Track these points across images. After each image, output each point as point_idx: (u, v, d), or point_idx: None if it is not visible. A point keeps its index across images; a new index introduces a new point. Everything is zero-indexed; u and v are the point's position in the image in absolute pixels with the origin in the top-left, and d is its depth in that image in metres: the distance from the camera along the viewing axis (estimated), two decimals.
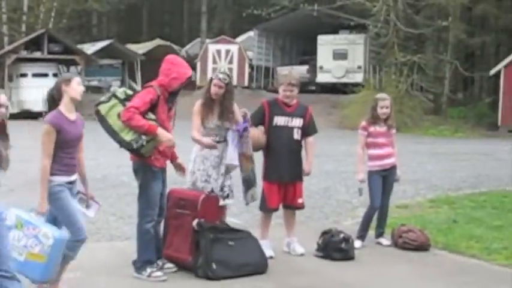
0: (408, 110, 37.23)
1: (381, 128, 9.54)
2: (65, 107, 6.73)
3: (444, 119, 40.04)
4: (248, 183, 8.45)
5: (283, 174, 8.75)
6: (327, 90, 41.66)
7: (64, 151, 6.69)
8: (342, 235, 8.81)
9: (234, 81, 43.40)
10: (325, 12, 39.34)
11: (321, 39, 41.84)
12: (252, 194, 8.51)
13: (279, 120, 8.75)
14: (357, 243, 9.25)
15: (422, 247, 9.19)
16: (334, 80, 41.74)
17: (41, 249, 6.38)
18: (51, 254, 6.39)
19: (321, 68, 41.84)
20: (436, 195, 14.30)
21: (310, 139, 9.00)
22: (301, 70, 42.20)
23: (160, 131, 7.38)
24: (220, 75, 8.25)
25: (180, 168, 8.10)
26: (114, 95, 7.58)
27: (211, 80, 8.35)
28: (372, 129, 9.50)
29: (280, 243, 9.00)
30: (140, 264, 7.73)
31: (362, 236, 9.47)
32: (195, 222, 7.80)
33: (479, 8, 43.14)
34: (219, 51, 44.56)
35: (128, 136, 7.36)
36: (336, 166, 18.14)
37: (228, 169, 8.27)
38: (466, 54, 47.85)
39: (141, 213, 7.75)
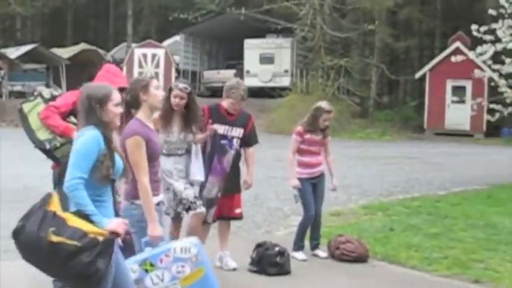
0: (335, 113, 37.02)
1: (316, 137, 9.23)
2: (144, 115, 5.95)
3: (371, 122, 40.23)
4: (212, 202, 8.05)
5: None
6: (254, 94, 41.27)
7: (150, 165, 5.82)
8: (277, 248, 8.39)
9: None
10: (252, 16, 39.08)
11: (248, 43, 41.55)
12: (212, 213, 8.14)
13: (219, 129, 8.23)
14: (300, 255, 8.90)
15: (360, 258, 8.86)
16: (261, 84, 41.47)
17: (191, 264, 5.58)
18: (203, 259, 5.65)
19: (248, 72, 41.54)
20: (369, 201, 14.08)
21: (251, 150, 8.53)
22: (228, 74, 41.94)
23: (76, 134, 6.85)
24: (181, 85, 7.70)
25: None
26: (40, 95, 7.16)
27: (170, 90, 7.75)
28: (307, 136, 9.15)
29: (212, 257, 8.54)
30: None
31: (301, 246, 9.10)
32: None
33: (403, 13, 43.56)
34: (145, 56, 43.89)
35: (43, 135, 6.94)
36: (265, 172, 17.78)
37: (193, 185, 7.85)
38: (392, 58, 48.28)
39: None
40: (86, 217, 4.67)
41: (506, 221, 11.65)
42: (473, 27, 15.62)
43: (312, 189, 9.15)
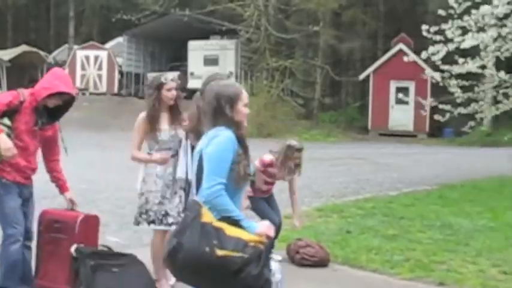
0: (281, 115, 37.22)
1: (280, 173, 8.75)
2: None
3: (316, 123, 40.30)
4: None
5: None
6: None
7: None
8: None
9: (104, 88, 43.34)
10: (195, 17, 38.77)
11: (192, 44, 41.26)
12: None
13: None
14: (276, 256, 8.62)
15: (321, 263, 8.66)
16: None
17: None
18: None
19: (192, 74, 41.23)
20: (322, 203, 13.95)
21: None
22: (172, 76, 41.62)
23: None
24: (170, 77, 7.49)
25: (71, 203, 7.18)
26: None
27: (160, 85, 7.33)
28: (271, 170, 8.71)
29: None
30: None
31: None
32: (73, 248, 6.91)
33: (347, 14, 43.70)
34: (87, 57, 43.33)
35: None
36: None
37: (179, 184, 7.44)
38: (336, 59, 48.42)
39: (2, 233, 6.84)
40: (235, 224, 4.33)
41: (461, 221, 11.60)
42: (424, 27, 15.58)
43: (265, 203, 8.87)
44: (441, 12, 15.84)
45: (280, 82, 38.36)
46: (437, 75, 17.25)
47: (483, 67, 15.93)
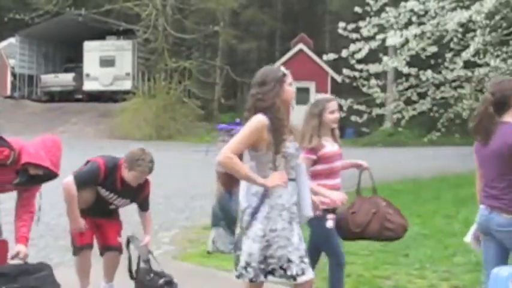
0: (181, 117, 36.61)
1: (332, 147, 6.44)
2: None
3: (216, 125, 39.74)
4: None
5: None
6: (95, 98, 40.26)
7: None
8: (162, 280, 6.98)
9: None
10: (91, 17, 37.72)
11: (87, 45, 40.08)
12: None
13: None
14: None
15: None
16: (102, 88, 40.21)
17: None
18: None
19: (88, 75, 40.10)
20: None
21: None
22: (67, 78, 40.56)
23: None
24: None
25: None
26: None
27: (282, 78, 5.35)
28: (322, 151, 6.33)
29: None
30: None
31: None
32: None
33: (247, 14, 43.39)
34: None
35: None
36: None
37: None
38: (235, 60, 48.06)
39: None
40: None
41: None
42: (341, 25, 15.12)
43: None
44: (358, 9, 15.43)
45: (179, 83, 37.68)
46: (333, 73, 16.96)
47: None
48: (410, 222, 11.55)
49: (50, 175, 5.76)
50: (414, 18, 14.40)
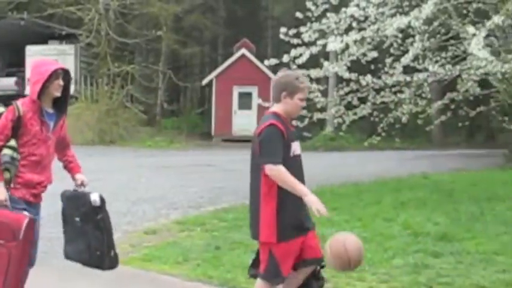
0: (124, 121, 36.42)
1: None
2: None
3: (159, 130, 39.80)
4: None
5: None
6: None
7: None
8: None
9: None
10: (34, 21, 37.23)
11: (30, 49, 39.49)
12: None
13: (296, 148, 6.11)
14: None
15: None
16: None
17: None
18: None
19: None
20: (181, 215, 13.22)
21: None
22: (9, 82, 39.96)
23: None
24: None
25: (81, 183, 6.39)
26: None
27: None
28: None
29: None
30: None
31: None
32: None
33: (190, 19, 43.37)
34: None
35: None
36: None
37: None
38: (178, 65, 47.99)
39: None
40: None
41: (332, 231, 11.09)
42: (282, 30, 15.20)
43: None
44: (299, 14, 15.54)
45: (122, 88, 37.47)
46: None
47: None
48: (351, 225, 11.78)
49: (66, 86, 6.09)
50: (354, 24, 14.56)
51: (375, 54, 15.47)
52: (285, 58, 14.54)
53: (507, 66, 12.63)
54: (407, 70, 15.75)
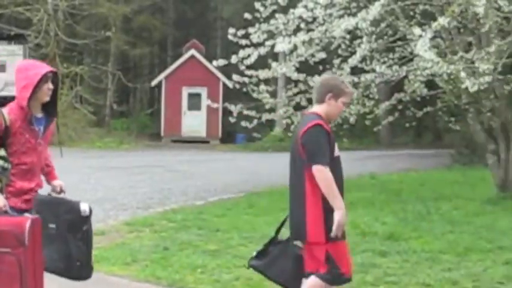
0: (73, 122, 36.10)
1: None
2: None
3: (108, 131, 39.55)
4: None
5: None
6: None
7: None
8: None
9: None
10: None
11: None
12: None
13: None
14: None
15: None
16: None
17: None
18: None
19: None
20: (128, 215, 13.20)
21: None
22: None
23: None
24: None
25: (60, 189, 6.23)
26: None
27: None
28: None
29: None
30: None
31: None
32: None
33: (139, 20, 43.19)
34: None
35: None
36: None
37: None
38: (127, 66, 47.73)
39: None
40: None
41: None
42: (230, 31, 15.18)
43: None
44: (247, 15, 15.55)
45: (71, 89, 37.14)
46: (228, 82, 17.04)
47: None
48: None
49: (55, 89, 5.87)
50: (303, 25, 14.57)
51: (323, 55, 15.50)
52: (233, 59, 14.54)
53: (453, 67, 12.75)
54: (355, 71, 15.82)
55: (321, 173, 5.58)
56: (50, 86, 5.74)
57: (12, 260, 5.38)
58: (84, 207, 5.92)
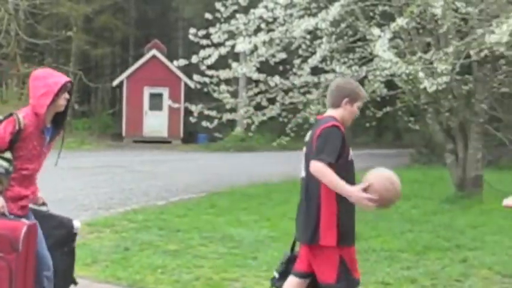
0: None
1: None
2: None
3: (70, 131, 39.12)
4: None
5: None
6: None
7: None
8: None
9: None
10: None
11: None
12: None
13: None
14: None
15: None
16: None
17: None
18: None
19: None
20: (90, 216, 13.09)
21: None
22: None
23: None
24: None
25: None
26: None
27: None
28: None
29: None
30: None
31: None
32: None
33: (100, 19, 42.97)
34: None
35: None
36: None
37: None
38: (89, 65, 47.43)
39: None
40: None
41: (241, 231, 11.26)
42: (191, 31, 15.21)
43: None
44: (208, 16, 15.59)
45: None
46: (190, 82, 17.05)
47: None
48: (259, 225, 11.92)
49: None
50: (263, 25, 14.65)
51: (283, 55, 15.61)
52: (194, 59, 14.56)
53: (411, 68, 12.90)
54: (316, 71, 15.92)
55: (315, 167, 5.47)
56: (67, 96, 5.74)
57: (3, 265, 5.38)
58: (77, 224, 5.99)
